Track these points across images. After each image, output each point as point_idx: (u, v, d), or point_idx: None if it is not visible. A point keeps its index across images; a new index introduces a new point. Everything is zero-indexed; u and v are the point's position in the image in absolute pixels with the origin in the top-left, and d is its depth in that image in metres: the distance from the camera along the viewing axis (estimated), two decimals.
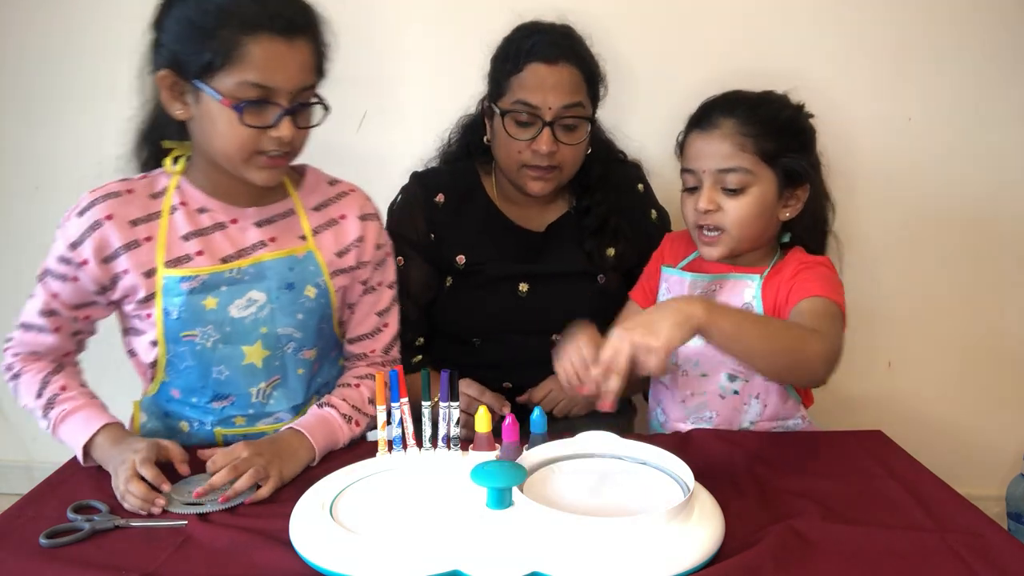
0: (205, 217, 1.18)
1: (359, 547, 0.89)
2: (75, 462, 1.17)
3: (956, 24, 1.85)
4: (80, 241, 1.13)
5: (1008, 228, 1.95)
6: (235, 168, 1.13)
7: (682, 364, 1.28)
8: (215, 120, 1.08)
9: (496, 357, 1.48)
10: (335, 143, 1.29)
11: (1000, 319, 2.00)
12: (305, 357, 1.25)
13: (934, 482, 1.08)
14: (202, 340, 1.17)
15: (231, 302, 1.17)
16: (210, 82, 1.06)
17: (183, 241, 1.16)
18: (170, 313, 1.15)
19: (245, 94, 1.06)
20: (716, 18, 1.87)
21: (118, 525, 0.98)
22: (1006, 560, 0.88)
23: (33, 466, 2.18)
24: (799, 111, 1.26)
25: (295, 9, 1.09)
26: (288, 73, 1.08)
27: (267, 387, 1.23)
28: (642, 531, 0.87)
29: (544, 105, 1.35)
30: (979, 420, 2.05)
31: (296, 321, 1.22)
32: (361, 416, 1.24)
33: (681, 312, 0.98)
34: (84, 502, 1.04)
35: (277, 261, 1.20)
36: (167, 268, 1.15)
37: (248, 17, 1.04)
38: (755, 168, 1.19)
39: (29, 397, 1.20)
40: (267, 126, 1.09)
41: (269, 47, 1.05)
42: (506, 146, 1.40)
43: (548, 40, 1.37)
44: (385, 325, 1.33)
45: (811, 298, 1.17)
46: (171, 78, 1.09)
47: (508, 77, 1.38)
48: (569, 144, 1.39)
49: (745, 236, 1.22)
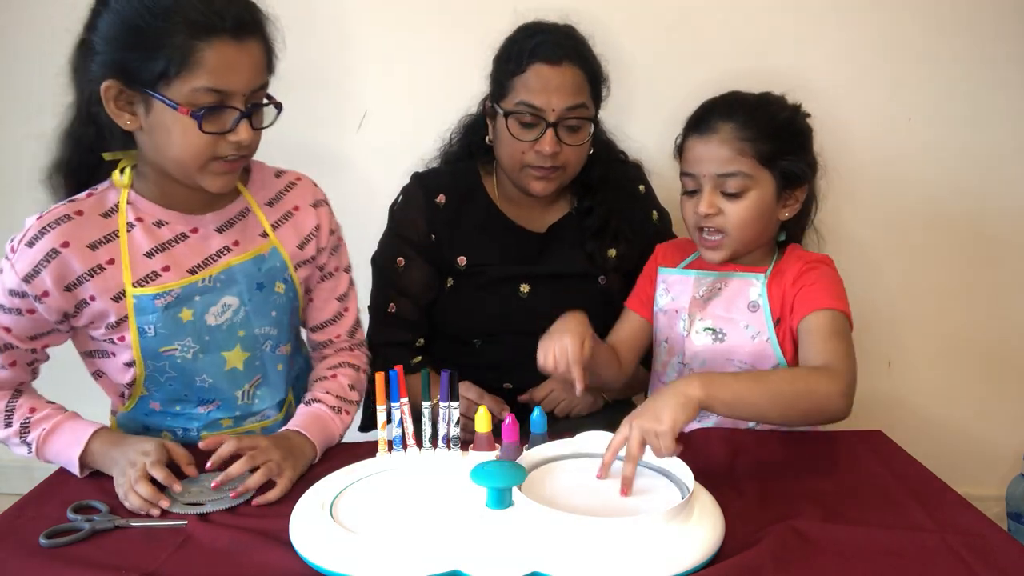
0: (165, 230, 1.14)
1: (359, 547, 0.89)
2: None
3: (956, 24, 1.85)
4: (36, 272, 1.07)
5: (1008, 228, 1.95)
6: (189, 176, 1.09)
7: (688, 363, 1.29)
8: (170, 129, 1.04)
9: (497, 358, 1.48)
10: (335, 143, 1.29)
11: (1000, 319, 2.00)
12: (282, 353, 1.26)
13: (934, 482, 1.08)
14: (182, 353, 1.15)
15: (206, 311, 1.16)
16: (163, 91, 1.02)
17: (147, 259, 1.12)
18: (146, 332, 1.12)
19: (201, 100, 1.02)
20: (715, 18, 1.87)
21: (118, 525, 0.98)
22: (1006, 560, 0.88)
23: (33, 466, 2.15)
24: (796, 112, 1.26)
25: (241, 8, 1.05)
26: (243, 76, 1.05)
27: (250, 388, 1.23)
28: (642, 531, 0.87)
29: (548, 106, 1.35)
30: (979, 420, 2.05)
31: (271, 319, 1.22)
32: (347, 405, 1.25)
33: (681, 394, 1.01)
34: (84, 502, 1.04)
35: (245, 264, 1.18)
36: (136, 288, 1.11)
37: (197, 20, 1.00)
38: (754, 172, 1.20)
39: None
40: (225, 131, 1.06)
41: (222, 51, 1.02)
42: (509, 146, 1.40)
43: (551, 41, 1.36)
44: (346, 310, 1.34)
45: (817, 312, 1.19)
46: (117, 88, 1.03)
47: (511, 77, 1.37)
48: (572, 145, 1.39)
49: (746, 238, 1.23)
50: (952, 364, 2.02)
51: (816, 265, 1.24)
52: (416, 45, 1.91)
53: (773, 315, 1.24)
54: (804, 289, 1.21)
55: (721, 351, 1.25)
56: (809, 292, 1.21)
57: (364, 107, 1.94)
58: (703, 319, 1.27)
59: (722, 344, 1.25)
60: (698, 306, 1.28)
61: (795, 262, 1.26)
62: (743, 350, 1.24)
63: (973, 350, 2.01)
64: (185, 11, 1.00)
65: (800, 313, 1.20)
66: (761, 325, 1.24)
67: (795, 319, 1.21)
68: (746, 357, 1.24)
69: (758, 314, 1.24)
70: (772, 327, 1.23)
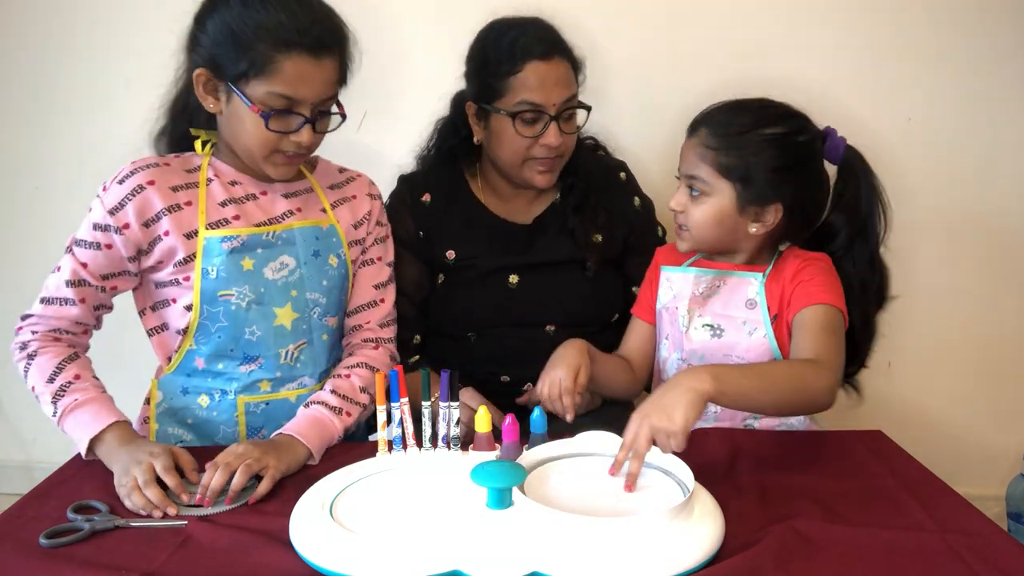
0: (238, 188, 1.26)
1: (359, 547, 0.89)
2: (75, 462, 1.17)
3: (956, 24, 1.85)
4: (121, 206, 1.18)
5: (1008, 228, 1.95)
6: (254, 162, 1.22)
7: (687, 358, 1.30)
8: (242, 120, 1.18)
9: (491, 351, 1.50)
10: (335, 143, 1.31)
11: (1000, 319, 2.00)
12: (328, 324, 1.32)
13: (934, 482, 1.08)
14: (237, 300, 1.22)
15: (265, 264, 1.24)
16: (243, 88, 1.15)
17: (220, 207, 1.23)
18: (208, 273, 1.20)
19: (272, 103, 1.15)
20: (713, 19, 1.87)
21: (118, 525, 0.98)
22: (1006, 560, 0.88)
23: (33, 466, 2.18)
24: (793, 133, 1.23)
25: (325, 28, 1.17)
26: (314, 88, 1.17)
27: (295, 350, 1.28)
28: (642, 531, 0.87)
29: (548, 102, 1.38)
30: (979, 420, 2.05)
31: (322, 287, 1.29)
32: (352, 406, 1.26)
33: (692, 391, 1.02)
34: (84, 502, 1.04)
35: (305, 229, 1.28)
36: (208, 230, 1.21)
37: (283, 34, 1.13)
38: (711, 180, 1.23)
39: (39, 380, 1.18)
40: (289, 132, 1.18)
41: (299, 64, 1.14)
42: (512, 144, 1.42)
43: (536, 37, 1.39)
44: (382, 300, 1.39)
45: (813, 307, 1.22)
46: (207, 76, 1.18)
47: (506, 78, 1.39)
48: (570, 133, 1.44)
49: (704, 238, 1.27)
50: (952, 364, 2.02)
51: (812, 261, 1.27)
52: (415, 46, 1.91)
53: (770, 312, 1.26)
54: (801, 284, 1.24)
55: (719, 347, 1.27)
56: (806, 287, 1.23)
57: (364, 107, 1.94)
58: (702, 316, 1.29)
59: (720, 340, 1.27)
60: (697, 303, 1.30)
61: (793, 260, 1.28)
62: (740, 346, 1.26)
63: (973, 350, 2.01)
64: (274, 25, 1.13)
65: (796, 307, 1.23)
66: (758, 322, 1.26)
67: (791, 312, 1.24)
68: (743, 353, 1.26)
69: (756, 311, 1.26)
70: (769, 324, 1.25)
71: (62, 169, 2.01)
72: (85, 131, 1.97)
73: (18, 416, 2.23)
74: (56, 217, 1.65)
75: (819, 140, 1.28)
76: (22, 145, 2.03)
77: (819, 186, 1.29)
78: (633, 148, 1.68)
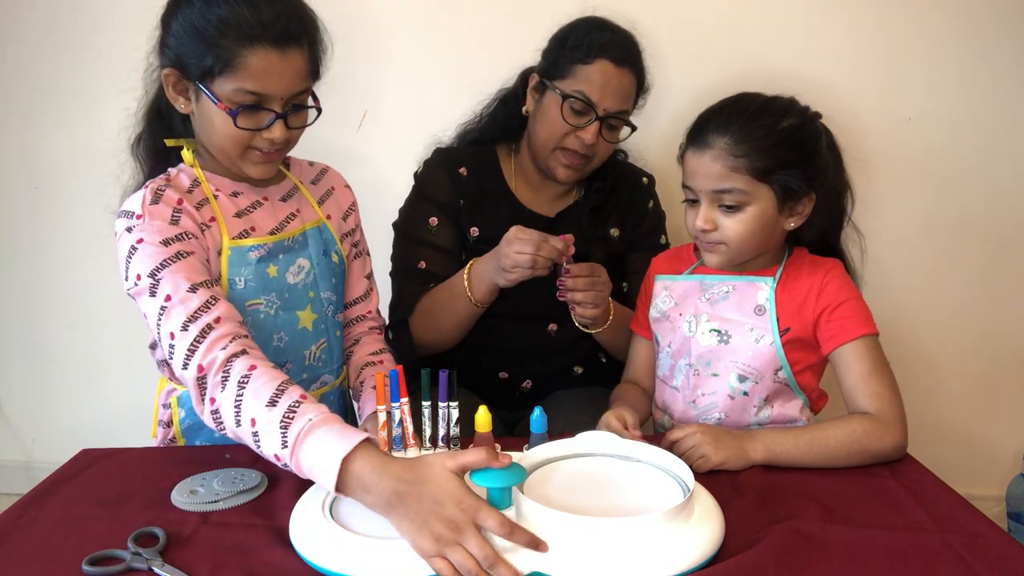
0: (242, 199, 1.24)
1: (359, 547, 0.89)
2: (75, 461, 1.16)
3: (956, 24, 1.85)
4: (177, 218, 1.15)
5: (1007, 228, 1.95)
6: (230, 161, 1.20)
7: (694, 363, 1.28)
8: (212, 119, 1.15)
9: (491, 343, 1.52)
10: (335, 143, 1.31)
11: (1000, 319, 2.00)
12: (339, 319, 1.35)
13: (934, 482, 1.08)
14: (266, 308, 1.22)
15: (287, 269, 1.25)
16: (209, 85, 1.12)
17: (237, 219, 1.22)
18: (236, 284, 1.19)
19: (240, 99, 1.12)
20: (716, 20, 1.87)
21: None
22: (1006, 560, 0.88)
23: (33, 466, 2.19)
24: (803, 120, 1.22)
25: (290, 20, 1.13)
26: (281, 82, 1.13)
27: (317, 350, 1.30)
28: (642, 531, 0.87)
29: (601, 103, 1.42)
30: (979, 420, 2.05)
31: (331, 285, 1.32)
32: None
33: (744, 456, 1.12)
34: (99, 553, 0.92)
35: (312, 230, 1.30)
36: (234, 241, 1.20)
37: (246, 28, 1.10)
38: (749, 188, 1.18)
39: (257, 405, 0.98)
40: (259, 128, 1.15)
41: (264, 58, 1.11)
42: (552, 124, 1.45)
43: (620, 42, 1.44)
44: (371, 289, 1.43)
45: (853, 342, 1.19)
46: (175, 76, 1.16)
47: (575, 63, 1.43)
48: (608, 141, 1.48)
49: (746, 249, 1.23)
50: (952, 364, 2.02)
51: (828, 273, 1.23)
52: (416, 46, 1.91)
53: (781, 323, 1.22)
54: (831, 315, 1.21)
55: (725, 352, 1.25)
56: (838, 321, 1.20)
57: (363, 108, 1.95)
58: (710, 320, 1.26)
59: (726, 345, 1.25)
60: (705, 307, 1.27)
61: (805, 267, 1.25)
62: (746, 353, 1.23)
63: (973, 350, 2.01)
64: (237, 20, 1.10)
65: (832, 342, 1.20)
66: (766, 329, 1.23)
67: (827, 346, 1.21)
68: (750, 360, 1.23)
69: (764, 318, 1.23)
70: (777, 334, 1.22)
71: (62, 169, 2.01)
72: (85, 131, 1.97)
73: (18, 417, 2.23)
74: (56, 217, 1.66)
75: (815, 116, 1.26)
76: (22, 145, 2.04)
77: (837, 159, 1.26)
78: (633, 149, 1.67)
